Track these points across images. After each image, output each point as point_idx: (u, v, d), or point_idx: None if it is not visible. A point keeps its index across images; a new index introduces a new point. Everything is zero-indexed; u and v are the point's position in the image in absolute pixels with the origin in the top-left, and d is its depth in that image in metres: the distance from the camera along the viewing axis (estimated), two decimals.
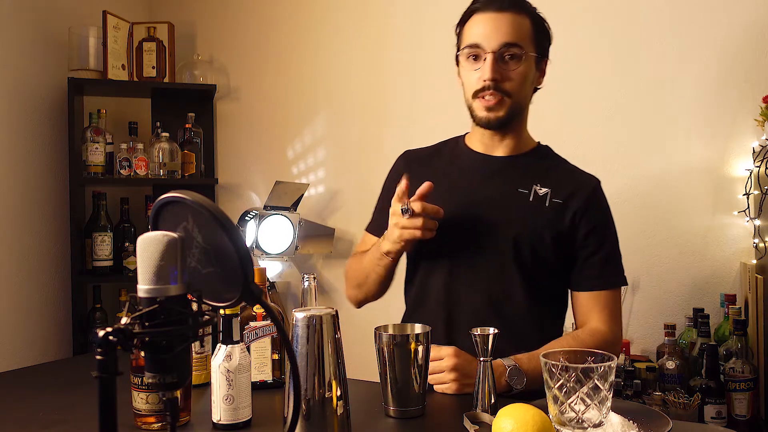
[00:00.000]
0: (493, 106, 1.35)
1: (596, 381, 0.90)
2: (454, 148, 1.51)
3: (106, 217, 2.62)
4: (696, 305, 2.04)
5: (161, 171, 2.65)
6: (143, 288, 0.69)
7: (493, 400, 1.07)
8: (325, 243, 2.66)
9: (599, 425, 0.91)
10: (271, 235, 2.54)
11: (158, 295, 0.68)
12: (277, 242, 2.56)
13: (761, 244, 1.83)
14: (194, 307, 0.72)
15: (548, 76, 1.44)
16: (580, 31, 2.27)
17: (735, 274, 2.07)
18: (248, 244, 2.47)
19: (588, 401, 0.90)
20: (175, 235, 0.70)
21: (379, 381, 1.11)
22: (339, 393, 0.94)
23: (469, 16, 1.38)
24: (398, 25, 2.63)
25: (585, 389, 0.90)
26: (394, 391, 1.08)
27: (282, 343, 1.24)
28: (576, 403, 0.91)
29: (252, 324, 1.23)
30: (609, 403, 0.92)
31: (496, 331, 1.07)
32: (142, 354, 0.71)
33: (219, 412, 1.03)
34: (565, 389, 0.91)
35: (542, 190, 1.38)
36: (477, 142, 1.46)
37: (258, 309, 1.24)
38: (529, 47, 1.35)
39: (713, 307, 2.04)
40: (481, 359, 1.08)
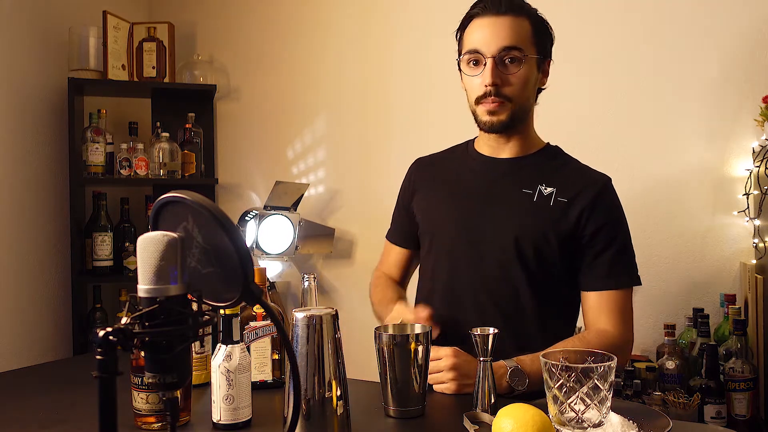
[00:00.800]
0: (495, 110, 1.35)
1: (596, 381, 0.90)
2: (464, 152, 1.52)
3: (106, 217, 2.62)
4: (696, 305, 2.04)
5: (161, 171, 2.65)
6: (143, 288, 0.69)
7: (493, 400, 1.07)
8: (325, 243, 2.66)
9: (599, 425, 0.91)
10: (271, 235, 2.54)
11: (158, 295, 0.68)
12: (277, 242, 2.56)
13: (761, 244, 1.83)
14: (194, 307, 0.72)
15: (549, 77, 1.44)
16: (581, 33, 2.27)
17: (735, 274, 2.07)
18: (248, 244, 2.47)
19: (588, 401, 0.90)
20: (175, 235, 0.70)
21: (379, 381, 1.11)
22: (339, 393, 0.94)
23: (469, 21, 1.38)
24: (398, 24, 2.63)
25: (585, 389, 0.90)
26: (394, 391, 1.08)
27: (282, 343, 1.24)
28: (576, 403, 0.91)
29: (252, 324, 1.23)
30: (609, 403, 0.92)
31: (496, 331, 1.07)
32: (142, 354, 0.72)
33: (219, 412, 1.03)
34: (565, 389, 0.91)
35: (547, 190, 1.37)
36: (484, 146, 1.47)
37: (258, 309, 1.24)
38: (530, 49, 1.34)
39: (713, 307, 2.04)
40: (481, 359, 1.08)
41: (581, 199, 1.35)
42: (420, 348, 1.09)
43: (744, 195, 2.00)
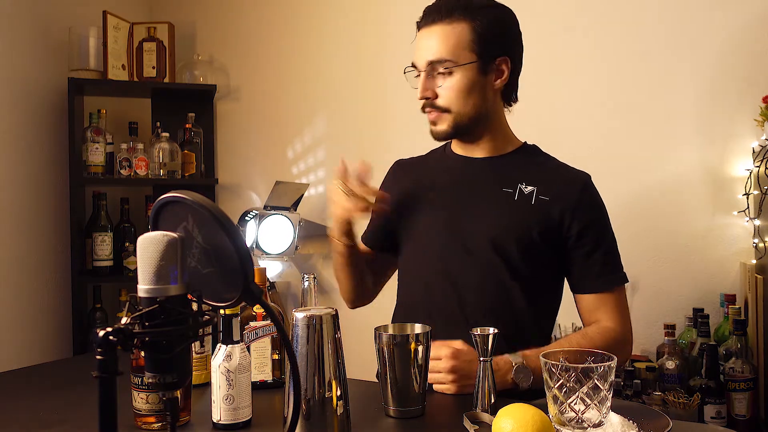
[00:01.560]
0: (434, 121, 1.37)
1: (596, 381, 0.90)
2: (441, 153, 1.52)
3: (106, 217, 2.62)
4: (696, 305, 2.04)
5: (161, 171, 2.65)
6: (143, 288, 0.69)
7: (493, 400, 1.07)
8: (325, 243, 2.66)
9: (599, 425, 0.91)
10: (271, 235, 2.54)
11: (158, 295, 0.68)
12: (277, 242, 2.56)
13: (761, 244, 1.83)
14: (194, 307, 0.72)
15: (548, 77, 1.44)
16: (579, 32, 2.26)
17: (735, 274, 2.07)
18: (248, 244, 2.47)
19: (588, 401, 0.90)
20: (175, 235, 0.70)
21: (379, 381, 1.11)
22: (339, 393, 0.94)
23: (418, 31, 1.38)
24: (398, 24, 2.62)
25: (585, 389, 0.90)
26: (394, 391, 1.08)
27: (282, 343, 1.24)
28: (576, 403, 0.91)
29: (252, 324, 1.23)
30: (609, 403, 0.92)
31: (496, 331, 1.07)
32: (142, 354, 0.72)
33: (219, 412, 1.03)
34: (565, 389, 0.91)
35: (528, 188, 1.36)
36: (458, 146, 1.47)
37: (258, 309, 1.24)
38: (464, 56, 1.31)
39: (713, 307, 2.04)
40: (481, 359, 1.08)
41: (563, 197, 1.34)
42: (420, 348, 1.09)
43: (744, 195, 2.00)
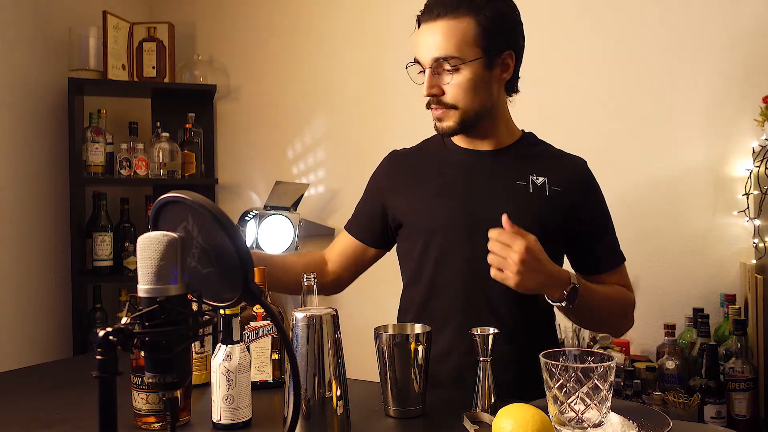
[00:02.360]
0: (440, 117, 1.34)
1: (596, 381, 0.90)
2: (440, 144, 1.48)
3: (106, 217, 2.62)
4: (696, 305, 2.04)
5: (161, 171, 2.65)
6: (143, 288, 0.69)
7: (493, 400, 1.07)
8: (325, 243, 2.66)
9: (599, 425, 0.91)
10: (271, 235, 2.54)
11: (158, 295, 0.68)
12: (277, 242, 2.56)
13: (761, 244, 1.83)
14: (194, 307, 0.72)
15: (548, 76, 1.44)
16: (580, 31, 2.26)
17: (735, 274, 2.07)
18: (248, 244, 2.47)
19: (588, 401, 0.90)
20: (175, 235, 0.70)
21: (379, 381, 1.11)
22: (339, 393, 0.94)
23: (418, 25, 1.36)
24: (398, 24, 2.62)
25: (585, 389, 0.90)
26: (394, 391, 1.08)
27: (282, 343, 1.24)
28: (576, 403, 0.91)
29: (252, 324, 1.23)
30: (609, 403, 0.92)
31: (496, 331, 1.07)
32: (142, 354, 0.72)
33: (219, 412, 1.03)
34: (565, 389, 0.91)
35: (539, 180, 1.37)
36: (460, 139, 1.44)
37: (258, 309, 1.24)
38: (470, 52, 1.28)
39: (713, 307, 2.04)
40: (481, 359, 1.08)
41: (573, 186, 1.37)
42: (420, 348, 1.09)
43: (744, 195, 2.00)
